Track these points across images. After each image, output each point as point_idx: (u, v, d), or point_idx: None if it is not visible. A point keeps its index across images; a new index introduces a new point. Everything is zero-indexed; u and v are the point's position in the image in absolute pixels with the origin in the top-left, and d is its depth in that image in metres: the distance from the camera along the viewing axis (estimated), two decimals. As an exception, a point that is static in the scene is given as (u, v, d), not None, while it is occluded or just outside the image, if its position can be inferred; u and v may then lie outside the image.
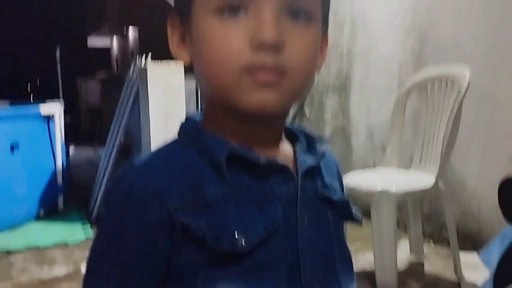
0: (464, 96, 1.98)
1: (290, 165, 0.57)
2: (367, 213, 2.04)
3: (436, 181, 2.04)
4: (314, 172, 0.59)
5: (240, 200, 0.53)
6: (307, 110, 3.89)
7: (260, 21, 0.50)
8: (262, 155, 0.54)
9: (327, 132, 3.74)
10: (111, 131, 3.60)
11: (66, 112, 3.77)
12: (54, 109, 3.49)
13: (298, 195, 0.56)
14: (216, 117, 0.56)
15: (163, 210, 0.51)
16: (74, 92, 9.41)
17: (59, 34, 8.69)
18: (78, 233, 3.01)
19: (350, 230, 0.74)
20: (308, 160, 0.59)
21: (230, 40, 0.50)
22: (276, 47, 0.50)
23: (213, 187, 0.52)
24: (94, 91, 9.21)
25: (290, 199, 0.55)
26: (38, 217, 3.34)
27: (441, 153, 2.07)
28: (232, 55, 0.50)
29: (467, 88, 1.97)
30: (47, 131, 3.47)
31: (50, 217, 3.38)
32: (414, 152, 2.33)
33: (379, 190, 2.01)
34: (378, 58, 3.16)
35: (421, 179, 2.12)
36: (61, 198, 3.55)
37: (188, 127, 0.58)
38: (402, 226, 2.65)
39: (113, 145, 3.48)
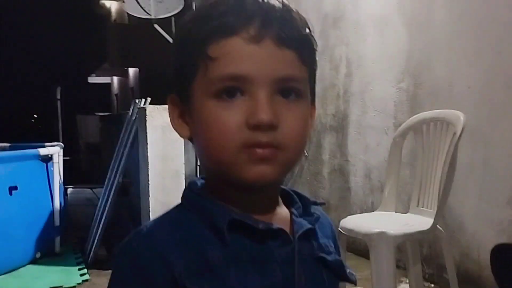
0: (459, 139, 2.00)
1: (287, 227, 0.60)
2: (366, 255, 2.02)
3: (434, 223, 2.03)
4: (310, 234, 0.62)
5: (241, 264, 0.56)
6: (305, 150, 3.91)
7: (256, 104, 0.55)
8: (261, 220, 0.58)
9: (325, 171, 3.75)
10: (109, 171, 3.61)
11: (65, 149, 3.79)
12: (53, 151, 3.51)
13: (295, 257, 0.59)
14: (216, 186, 0.60)
15: (168, 275, 0.54)
16: (74, 130, 9.47)
17: (60, 74, 8.83)
18: (74, 277, 2.97)
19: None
20: (304, 223, 0.62)
21: (228, 121, 0.55)
22: (271, 126, 0.55)
23: (215, 251, 0.55)
24: (93, 128, 9.27)
25: (288, 260, 0.58)
26: (34, 260, 3.30)
27: (438, 195, 2.07)
28: (230, 134, 0.55)
29: (462, 131, 1.99)
30: (46, 172, 3.48)
31: (47, 260, 3.34)
32: (412, 194, 2.33)
33: (377, 232, 2.00)
34: (374, 98, 3.21)
35: (419, 221, 2.11)
36: (58, 240, 3.52)
37: (190, 194, 0.61)
38: (402, 267, 2.62)
39: (112, 185, 3.48)
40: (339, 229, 2.18)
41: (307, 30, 0.59)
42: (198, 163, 3.61)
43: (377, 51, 3.18)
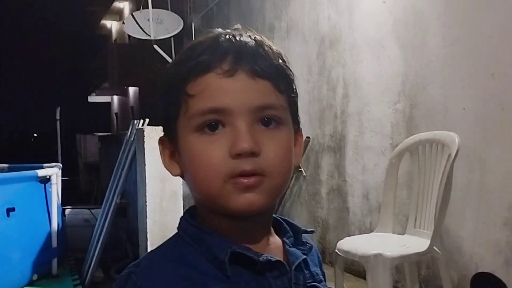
0: (454, 160, 2.02)
1: (281, 257, 0.62)
2: (365, 276, 2.02)
3: (431, 245, 2.03)
4: (302, 264, 0.64)
5: None
6: (303, 170, 3.92)
7: (236, 134, 0.57)
8: (258, 252, 0.59)
9: (324, 191, 3.76)
10: (107, 191, 3.61)
11: (64, 169, 3.79)
12: (51, 172, 3.52)
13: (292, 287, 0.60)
14: (209, 218, 0.61)
15: None
16: (73, 150, 9.48)
17: (60, 94, 8.88)
18: (71, 299, 2.95)
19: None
20: (299, 254, 0.64)
21: (212, 153, 0.57)
22: (253, 153, 0.57)
23: (217, 286, 0.56)
24: (92, 148, 9.29)
25: None
26: (31, 282, 3.28)
27: (435, 216, 2.07)
28: (215, 166, 0.57)
29: (457, 152, 2.01)
30: (44, 194, 3.47)
31: (44, 282, 3.31)
32: (409, 215, 2.34)
33: (374, 254, 2.00)
34: (371, 119, 3.23)
35: (416, 242, 2.12)
36: (55, 261, 3.50)
37: (187, 225, 0.62)
38: (400, 289, 2.61)
39: (110, 206, 3.48)
40: (336, 250, 2.18)
41: (281, 61, 0.62)
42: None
43: (373, 73, 3.21)
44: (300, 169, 3.90)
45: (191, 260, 0.58)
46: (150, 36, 5.61)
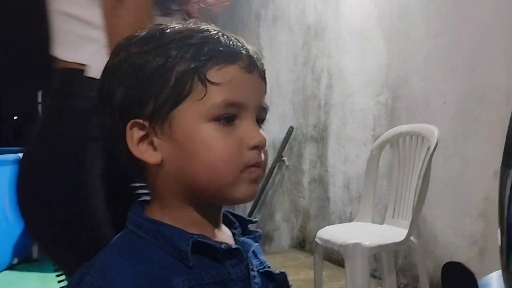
0: (433, 152, 2.06)
1: (235, 245, 0.63)
2: (343, 265, 2.07)
3: (408, 235, 2.08)
4: (254, 251, 0.66)
5: (205, 286, 0.58)
6: (286, 160, 3.95)
7: (251, 127, 0.60)
8: (216, 240, 0.61)
9: (306, 181, 3.80)
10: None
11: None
12: (33, 155, 3.48)
13: (250, 275, 0.62)
14: (176, 210, 0.61)
15: None
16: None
17: (43, 77, 8.73)
18: (52, 283, 2.94)
19: (327, 282, 0.80)
20: (251, 242, 0.66)
21: (232, 144, 0.59)
22: (263, 147, 0.61)
23: (179, 277, 0.56)
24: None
25: (243, 278, 0.62)
26: (11, 266, 3.27)
27: (413, 207, 2.12)
28: (234, 156, 0.59)
29: (436, 145, 2.05)
30: (25, 177, 3.44)
31: (24, 266, 3.31)
32: (388, 205, 2.39)
33: (353, 243, 2.04)
34: (353, 110, 3.27)
35: (394, 232, 2.16)
36: (36, 246, 3.49)
37: (140, 220, 0.61)
38: (377, 277, 2.67)
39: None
40: (316, 239, 2.22)
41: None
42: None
43: (357, 64, 3.24)
44: (283, 158, 3.93)
45: (149, 255, 0.57)
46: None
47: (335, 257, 3.08)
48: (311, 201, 3.73)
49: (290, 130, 3.85)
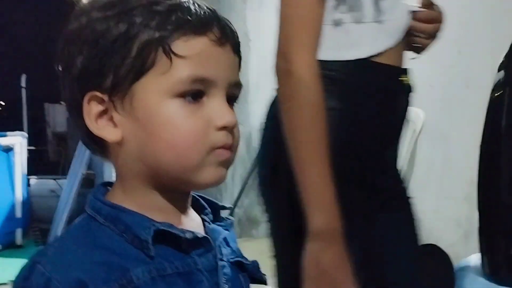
0: (418, 136, 2.05)
1: (203, 233, 0.59)
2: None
3: (393, 219, 2.08)
4: (224, 240, 0.61)
5: (168, 277, 0.53)
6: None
7: (219, 106, 0.55)
8: (182, 228, 0.56)
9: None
10: (73, 161, 3.55)
11: (32, 139, 3.71)
12: (15, 141, 3.43)
13: (218, 264, 0.58)
14: (139, 194, 0.56)
15: None
16: (42, 119, 9.26)
17: (27, 61, 8.59)
18: (36, 269, 2.92)
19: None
20: (221, 230, 0.61)
21: (197, 123, 0.54)
22: (233, 128, 0.56)
23: (139, 268, 0.52)
24: (61, 118, 9.07)
25: (211, 269, 0.57)
26: (-6, 252, 3.24)
27: (398, 191, 2.12)
28: (200, 136, 0.54)
29: (422, 128, 2.05)
30: (7, 163, 3.39)
31: (8, 252, 3.28)
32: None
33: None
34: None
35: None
36: (20, 231, 3.46)
37: (100, 205, 0.56)
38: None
39: (76, 177, 3.42)
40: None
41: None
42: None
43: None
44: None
45: (107, 242, 0.53)
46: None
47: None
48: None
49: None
